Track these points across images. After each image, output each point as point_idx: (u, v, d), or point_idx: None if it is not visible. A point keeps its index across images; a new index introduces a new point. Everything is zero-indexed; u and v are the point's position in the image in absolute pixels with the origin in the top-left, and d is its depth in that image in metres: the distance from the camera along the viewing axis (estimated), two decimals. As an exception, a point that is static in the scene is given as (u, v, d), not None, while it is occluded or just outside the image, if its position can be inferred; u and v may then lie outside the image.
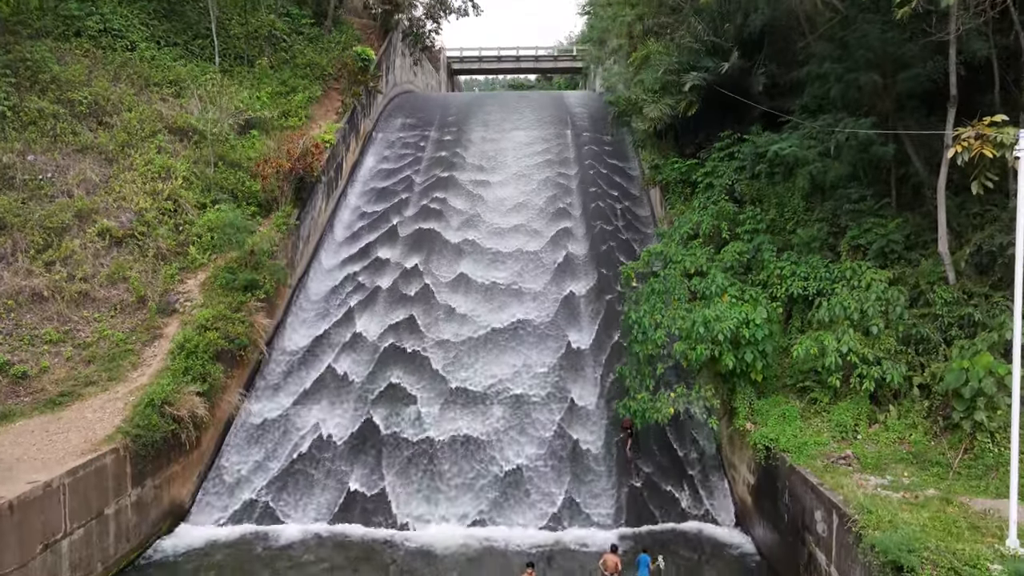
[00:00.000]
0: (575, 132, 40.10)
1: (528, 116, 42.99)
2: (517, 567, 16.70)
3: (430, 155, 37.02)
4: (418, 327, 25.72)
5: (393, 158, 37.89)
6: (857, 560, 12.83)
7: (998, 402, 14.61)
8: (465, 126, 40.78)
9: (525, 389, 23.00)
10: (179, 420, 19.39)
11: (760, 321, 18.13)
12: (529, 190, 33.53)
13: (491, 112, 43.50)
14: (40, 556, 14.61)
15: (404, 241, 30.41)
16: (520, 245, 29.74)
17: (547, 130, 40.32)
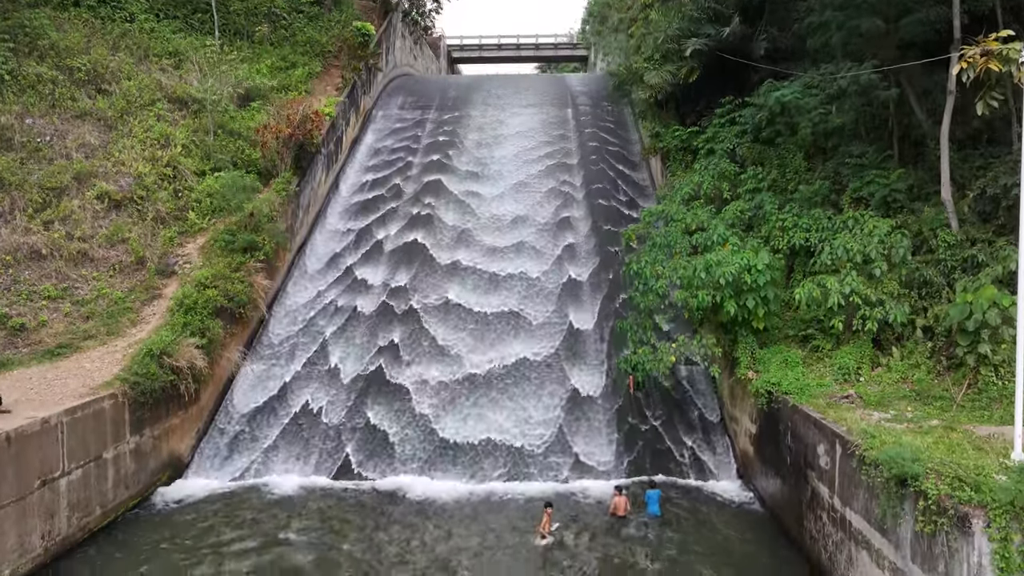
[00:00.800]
0: (575, 111, 39.98)
1: (530, 97, 42.83)
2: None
3: (430, 134, 36.77)
4: (417, 285, 25.75)
5: (393, 134, 37.74)
6: (860, 485, 12.72)
7: (1002, 334, 14.48)
8: (466, 105, 40.61)
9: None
10: (178, 371, 19.29)
11: (762, 266, 18.01)
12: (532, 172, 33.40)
13: (492, 92, 43.33)
14: (38, 492, 14.51)
15: (407, 203, 30.57)
16: (522, 211, 29.81)
17: (548, 110, 40.16)
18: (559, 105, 40.78)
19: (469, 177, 32.59)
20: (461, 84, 46.73)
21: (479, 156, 34.47)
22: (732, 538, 16.30)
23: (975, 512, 9.82)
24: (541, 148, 35.01)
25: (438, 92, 43.83)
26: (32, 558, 14.38)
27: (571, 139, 35.98)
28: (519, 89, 43.97)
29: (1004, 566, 9.53)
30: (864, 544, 12.64)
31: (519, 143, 35.64)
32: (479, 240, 28.28)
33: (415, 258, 27.36)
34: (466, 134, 36.67)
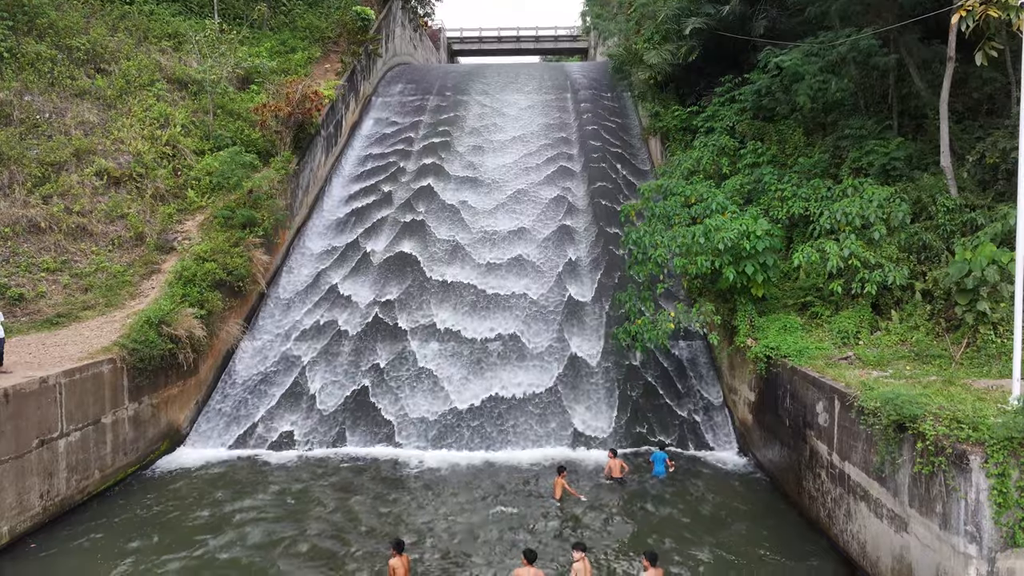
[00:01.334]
0: (575, 96, 39.95)
1: (530, 83, 42.79)
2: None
3: (430, 119, 36.71)
4: (421, 252, 25.83)
5: (394, 118, 37.70)
6: (859, 437, 12.71)
7: (1001, 291, 14.45)
8: (466, 92, 40.57)
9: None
10: (176, 340, 19.28)
11: (761, 232, 17.98)
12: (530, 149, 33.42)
13: (492, 78, 43.31)
14: (36, 451, 14.51)
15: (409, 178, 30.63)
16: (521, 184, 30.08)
17: (548, 95, 40.13)
18: (559, 91, 40.78)
19: (471, 151, 33.03)
20: (461, 72, 46.69)
21: (479, 141, 34.48)
22: (732, 502, 16.31)
23: (973, 449, 9.81)
24: (540, 131, 35.06)
25: (438, 79, 43.80)
26: (31, 516, 14.37)
27: (571, 127, 35.93)
28: (519, 77, 43.95)
29: (1001, 501, 9.52)
30: (862, 496, 12.62)
31: (519, 127, 35.65)
32: (476, 220, 28.45)
33: (416, 233, 27.47)
34: (466, 119, 36.65)
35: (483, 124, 35.99)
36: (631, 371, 21.65)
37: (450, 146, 33.46)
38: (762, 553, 13.74)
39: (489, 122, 36.19)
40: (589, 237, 27.20)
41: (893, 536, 11.57)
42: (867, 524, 12.48)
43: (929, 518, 10.53)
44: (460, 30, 74.15)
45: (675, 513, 15.68)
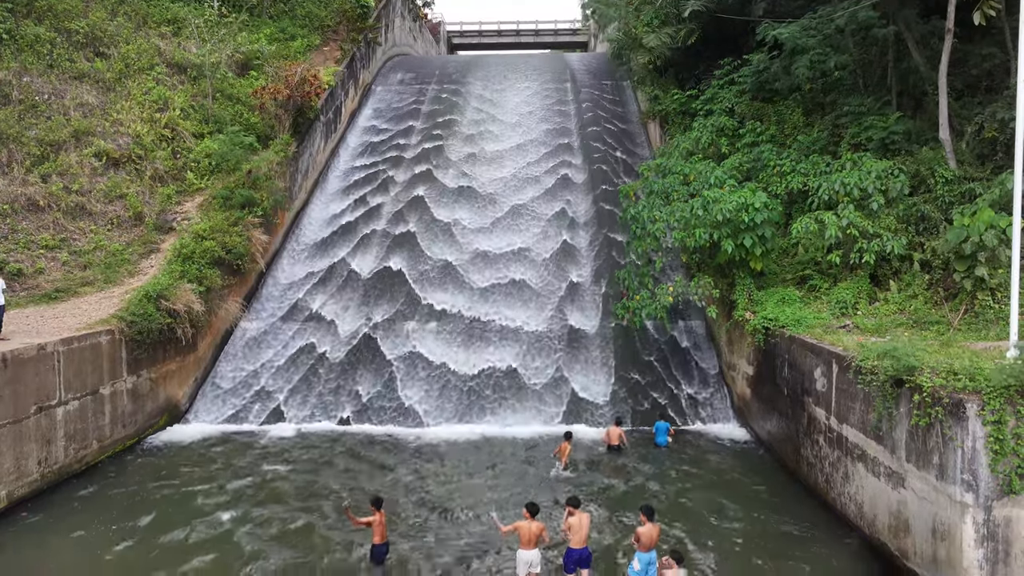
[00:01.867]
0: (575, 84, 39.92)
1: (530, 73, 42.75)
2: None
3: (429, 108, 36.65)
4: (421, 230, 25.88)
5: (394, 105, 37.69)
6: (856, 398, 12.70)
7: (999, 255, 14.43)
8: (466, 81, 40.54)
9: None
10: (175, 315, 19.29)
11: (759, 205, 17.97)
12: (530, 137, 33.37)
13: (492, 68, 43.28)
14: (34, 417, 14.51)
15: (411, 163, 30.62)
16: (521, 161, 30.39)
17: (548, 83, 40.09)
18: (558, 80, 40.74)
19: (473, 122, 33.52)
20: (460, 61, 46.72)
21: (478, 125, 34.49)
22: (730, 471, 16.36)
23: (969, 398, 9.80)
24: (540, 116, 35.08)
25: (438, 68, 43.83)
26: (29, 482, 14.38)
27: (570, 115, 35.90)
28: (519, 66, 43.94)
29: (998, 448, 9.50)
30: (860, 456, 12.61)
31: (520, 112, 35.65)
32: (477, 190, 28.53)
33: (417, 209, 27.57)
34: (466, 105, 36.63)
35: (482, 117, 35.98)
36: (629, 349, 21.64)
37: (452, 129, 33.49)
38: (757, 516, 13.74)
39: (488, 114, 36.20)
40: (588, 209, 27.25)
41: (890, 493, 11.56)
42: (864, 484, 12.47)
43: (926, 471, 10.52)
44: (460, 24, 74.19)
45: (673, 478, 15.85)
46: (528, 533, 10.65)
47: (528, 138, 32.83)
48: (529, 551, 10.64)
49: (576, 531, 10.78)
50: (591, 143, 31.82)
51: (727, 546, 12.40)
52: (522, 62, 44.79)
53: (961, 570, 9.76)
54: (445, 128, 33.84)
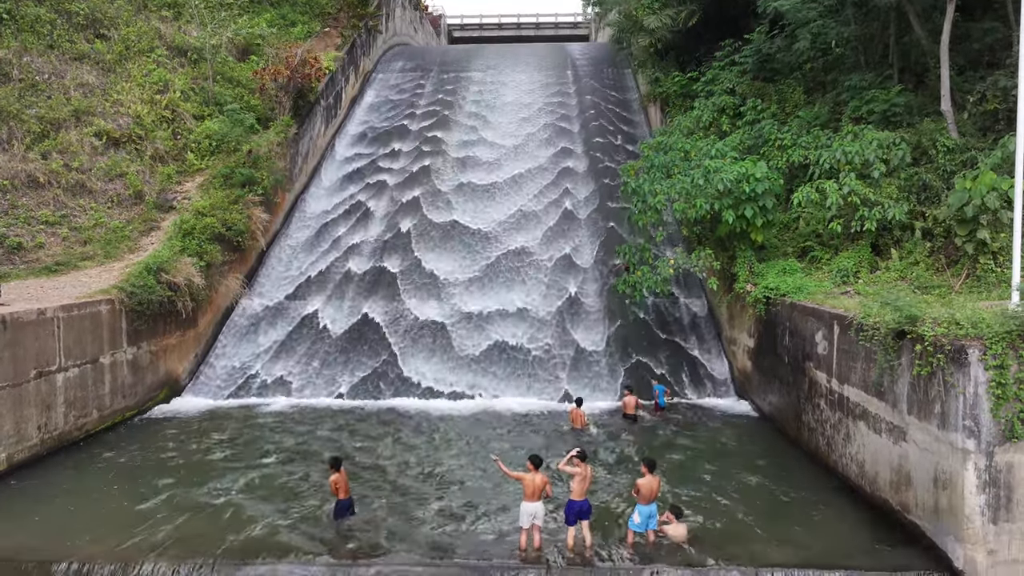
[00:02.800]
0: (575, 73, 39.89)
1: (531, 61, 42.75)
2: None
3: (429, 96, 36.61)
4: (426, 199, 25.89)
5: (395, 92, 37.69)
6: (858, 356, 12.66)
7: (1001, 218, 14.37)
8: (467, 68, 40.53)
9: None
10: (175, 288, 19.28)
11: (760, 175, 17.91)
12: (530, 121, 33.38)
13: (493, 57, 43.27)
14: (34, 382, 14.50)
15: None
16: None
17: (549, 72, 40.05)
18: (559, 68, 40.71)
19: (475, 105, 33.79)
20: (461, 50, 46.76)
21: (480, 109, 34.54)
22: (730, 440, 16.38)
23: (971, 343, 9.75)
24: (540, 102, 35.11)
25: (438, 56, 43.90)
26: (29, 447, 14.37)
27: (571, 100, 35.88)
28: (520, 54, 43.97)
29: (1000, 393, 9.46)
30: (861, 415, 12.57)
31: (520, 98, 35.67)
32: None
33: (422, 181, 27.92)
34: (467, 92, 36.64)
35: (483, 99, 35.99)
36: (631, 328, 21.62)
37: (453, 108, 33.54)
38: (757, 481, 13.71)
39: (489, 96, 36.24)
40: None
41: (891, 448, 11.52)
42: (866, 442, 12.43)
43: (927, 421, 10.48)
44: (461, 17, 74.38)
45: (673, 445, 15.90)
46: (532, 485, 10.62)
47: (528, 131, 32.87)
48: (532, 503, 10.61)
49: (578, 483, 10.74)
50: (591, 124, 31.84)
51: (726, 510, 12.34)
52: (523, 50, 44.76)
53: (963, 518, 9.71)
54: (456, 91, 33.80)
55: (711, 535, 11.28)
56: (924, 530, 10.61)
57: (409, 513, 12.25)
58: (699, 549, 10.75)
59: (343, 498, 11.82)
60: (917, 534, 10.78)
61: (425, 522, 11.87)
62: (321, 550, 10.79)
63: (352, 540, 11.17)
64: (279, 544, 10.97)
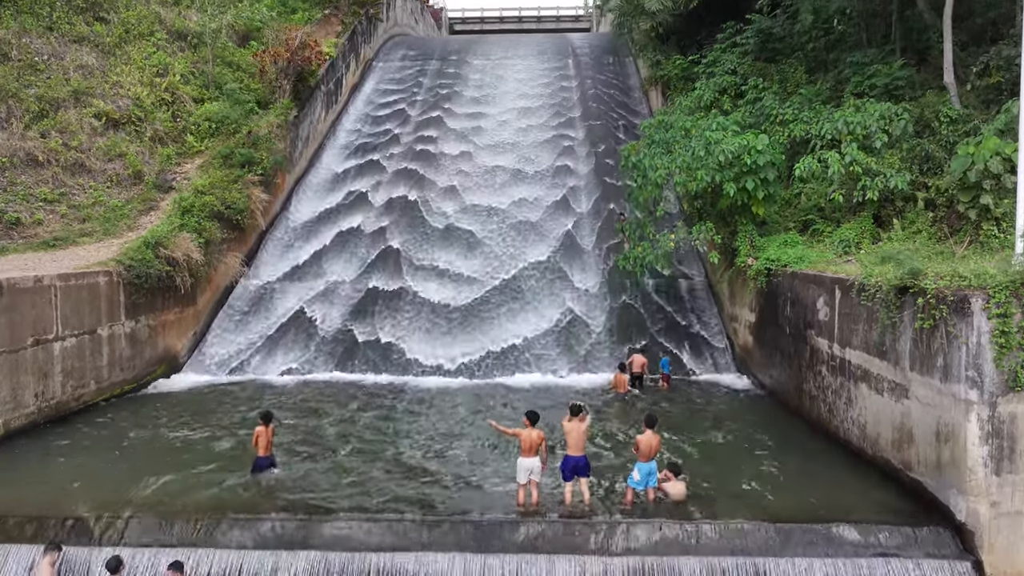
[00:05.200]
0: (576, 61, 39.81)
1: (532, 48, 42.70)
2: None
3: (430, 83, 36.51)
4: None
5: (395, 80, 37.62)
6: (859, 319, 12.56)
7: (1005, 183, 14.22)
8: (468, 57, 40.45)
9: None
10: (174, 263, 19.22)
11: (762, 147, 17.79)
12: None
13: (493, 47, 43.21)
14: (31, 349, 14.44)
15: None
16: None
17: (550, 60, 39.98)
18: (560, 56, 40.63)
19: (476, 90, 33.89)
20: (462, 40, 46.75)
21: (480, 94, 34.49)
22: (733, 411, 16.37)
23: (974, 293, 9.64)
24: (541, 90, 35.06)
25: (439, 45, 43.84)
26: (26, 414, 14.31)
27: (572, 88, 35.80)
28: (521, 42, 43.95)
29: (1003, 342, 9.34)
30: (862, 377, 12.47)
31: (520, 87, 35.62)
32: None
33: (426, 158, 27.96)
34: (468, 80, 36.57)
35: (485, 83, 35.93)
36: (631, 307, 21.53)
37: (454, 98, 33.52)
38: (758, 449, 13.62)
39: (491, 80, 36.18)
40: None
41: (893, 407, 11.41)
42: (867, 404, 12.33)
43: (929, 375, 10.37)
44: (462, 10, 74.32)
45: (673, 415, 15.85)
46: (528, 441, 10.54)
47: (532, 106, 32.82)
48: (529, 458, 10.52)
49: (573, 438, 10.65)
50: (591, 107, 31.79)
51: (726, 472, 12.22)
52: (525, 39, 44.69)
53: (965, 470, 9.60)
54: (446, 100, 33.80)
55: (710, 494, 11.18)
56: (926, 486, 10.50)
57: (409, 473, 12.19)
58: (698, 507, 10.64)
59: (262, 455, 11.87)
60: (919, 491, 10.67)
61: (427, 481, 11.78)
62: (314, 506, 10.70)
63: (356, 498, 11.05)
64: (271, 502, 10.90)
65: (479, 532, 9.96)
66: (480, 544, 9.79)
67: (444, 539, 9.88)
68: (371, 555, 9.66)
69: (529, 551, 9.68)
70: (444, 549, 9.73)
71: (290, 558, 9.66)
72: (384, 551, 9.70)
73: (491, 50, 41.32)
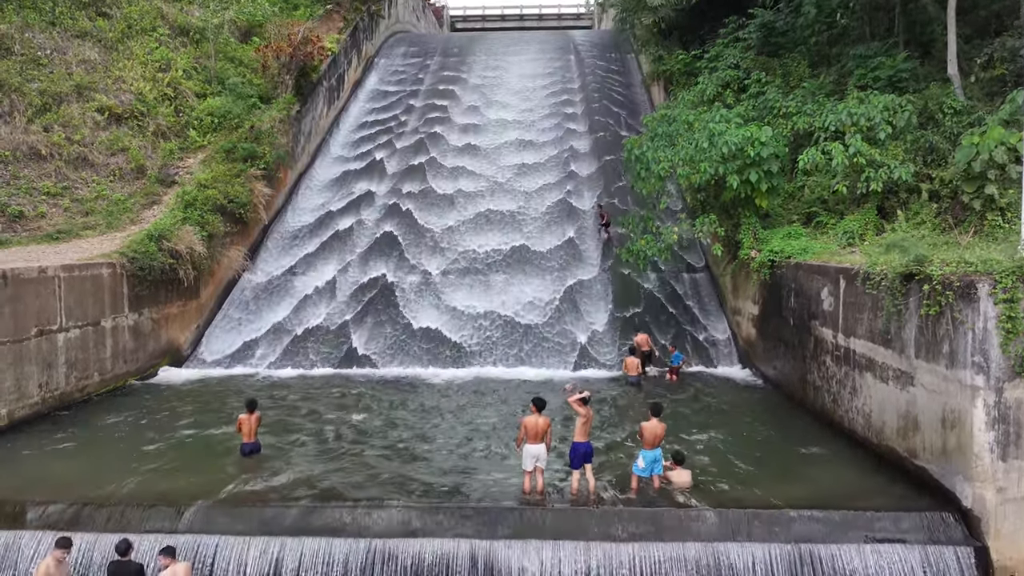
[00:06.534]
0: (578, 57, 39.78)
1: (534, 45, 42.67)
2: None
3: (431, 77, 36.49)
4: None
5: (397, 77, 37.62)
6: (864, 308, 12.54)
7: (1010, 173, 14.20)
8: (469, 54, 40.43)
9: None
10: (177, 256, 19.23)
11: (765, 139, 17.76)
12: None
13: (496, 43, 43.19)
14: (35, 340, 14.44)
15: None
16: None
17: (552, 55, 39.96)
18: (562, 52, 40.61)
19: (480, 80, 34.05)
20: (464, 37, 46.76)
21: (483, 82, 34.55)
22: (737, 403, 16.34)
23: (981, 279, 9.61)
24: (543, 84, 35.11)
25: (441, 42, 43.85)
26: (30, 404, 14.32)
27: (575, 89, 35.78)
28: (523, 39, 43.95)
29: (1010, 327, 9.31)
30: (867, 366, 12.44)
31: (523, 86, 35.64)
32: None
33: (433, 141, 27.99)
34: (470, 74, 36.56)
35: (488, 74, 35.94)
36: (634, 302, 21.53)
37: (454, 97, 33.45)
38: (762, 438, 13.61)
39: (494, 73, 36.19)
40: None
41: (899, 395, 11.39)
42: (872, 393, 12.30)
43: (935, 362, 10.35)
44: (464, 9, 74.32)
45: (679, 402, 16.09)
46: (535, 427, 10.53)
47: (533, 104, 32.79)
48: (535, 445, 10.51)
49: (582, 425, 10.64)
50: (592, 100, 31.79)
51: (730, 462, 12.21)
52: (526, 36, 44.69)
53: (971, 456, 9.58)
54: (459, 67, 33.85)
55: (716, 483, 11.16)
56: (932, 473, 10.48)
57: (419, 461, 12.19)
58: (701, 495, 10.63)
59: (247, 441, 12.23)
60: (925, 478, 10.65)
61: (432, 471, 11.78)
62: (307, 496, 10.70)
63: (361, 485, 11.06)
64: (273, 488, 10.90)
65: (484, 518, 9.94)
66: (483, 531, 9.77)
67: (449, 525, 9.87)
68: (376, 541, 9.65)
69: (534, 537, 9.66)
70: (449, 535, 9.72)
71: (294, 544, 9.64)
72: (390, 537, 9.69)
73: (493, 46, 41.30)
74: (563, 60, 38.57)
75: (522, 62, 38.14)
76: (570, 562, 9.39)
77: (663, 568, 9.35)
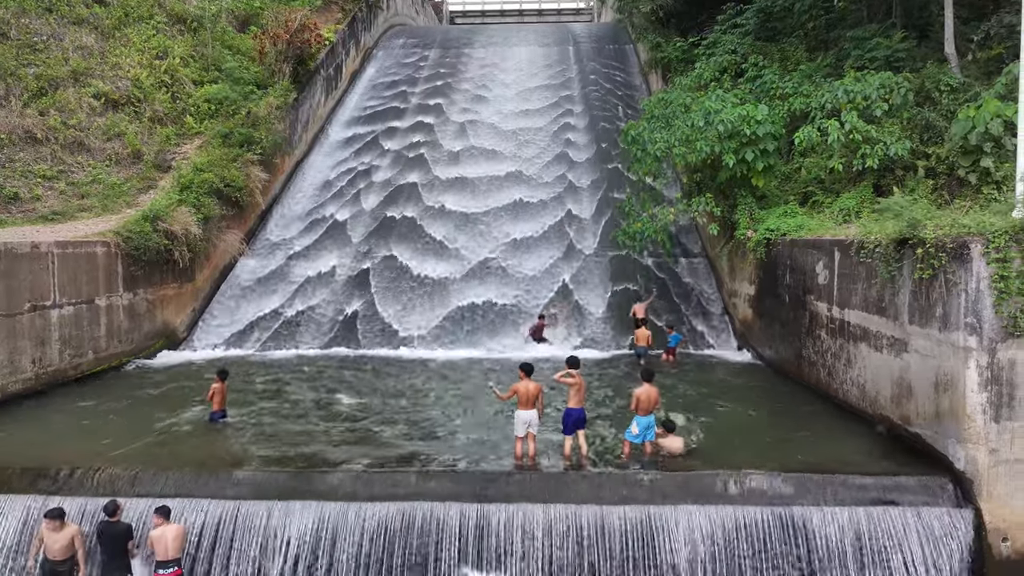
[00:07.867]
0: (576, 48, 39.75)
1: (532, 37, 42.66)
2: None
3: (431, 69, 36.46)
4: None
5: (396, 68, 37.59)
6: (858, 278, 12.50)
7: (1005, 144, 14.15)
8: (469, 45, 40.41)
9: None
10: (172, 237, 19.18)
11: (761, 117, 17.73)
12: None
13: (495, 35, 43.18)
14: (28, 315, 14.42)
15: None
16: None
17: (551, 48, 39.92)
18: (560, 44, 40.59)
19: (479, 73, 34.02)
20: (463, 29, 46.75)
21: (483, 73, 34.57)
22: (733, 380, 16.34)
23: (973, 239, 9.57)
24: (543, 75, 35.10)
25: (440, 34, 43.81)
26: (23, 380, 14.29)
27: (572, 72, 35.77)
28: (522, 30, 43.96)
29: (1003, 287, 9.27)
30: (862, 336, 12.40)
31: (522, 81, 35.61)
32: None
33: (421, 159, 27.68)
34: (468, 67, 36.55)
35: (487, 65, 35.94)
36: (631, 281, 21.49)
37: (453, 89, 33.48)
38: (759, 413, 13.58)
39: (493, 61, 36.24)
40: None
41: (892, 363, 11.35)
42: (867, 363, 12.26)
43: (929, 326, 10.31)
44: (463, 3, 74.31)
45: (676, 379, 16.02)
46: (526, 393, 10.50)
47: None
48: (527, 411, 10.49)
49: (575, 391, 10.61)
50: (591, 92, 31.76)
51: (725, 431, 12.24)
52: (525, 28, 44.70)
53: (964, 418, 9.54)
54: (447, 87, 33.76)
55: (710, 450, 11.14)
56: (925, 438, 10.44)
57: (414, 430, 12.17)
58: (694, 459, 10.60)
59: (216, 409, 12.81)
60: (919, 444, 10.62)
61: (428, 438, 11.75)
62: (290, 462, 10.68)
63: (363, 457, 11.01)
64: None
65: (477, 482, 9.91)
66: (476, 495, 9.74)
67: (442, 489, 9.84)
68: (367, 505, 9.61)
69: (525, 500, 9.62)
70: (442, 499, 9.68)
71: (287, 508, 9.61)
72: (382, 501, 9.65)
73: (492, 38, 41.31)
74: (561, 50, 38.57)
75: (520, 53, 38.11)
76: (561, 525, 9.35)
77: (654, 530, 9.30)
